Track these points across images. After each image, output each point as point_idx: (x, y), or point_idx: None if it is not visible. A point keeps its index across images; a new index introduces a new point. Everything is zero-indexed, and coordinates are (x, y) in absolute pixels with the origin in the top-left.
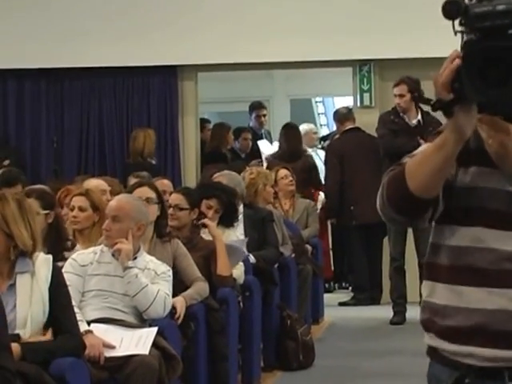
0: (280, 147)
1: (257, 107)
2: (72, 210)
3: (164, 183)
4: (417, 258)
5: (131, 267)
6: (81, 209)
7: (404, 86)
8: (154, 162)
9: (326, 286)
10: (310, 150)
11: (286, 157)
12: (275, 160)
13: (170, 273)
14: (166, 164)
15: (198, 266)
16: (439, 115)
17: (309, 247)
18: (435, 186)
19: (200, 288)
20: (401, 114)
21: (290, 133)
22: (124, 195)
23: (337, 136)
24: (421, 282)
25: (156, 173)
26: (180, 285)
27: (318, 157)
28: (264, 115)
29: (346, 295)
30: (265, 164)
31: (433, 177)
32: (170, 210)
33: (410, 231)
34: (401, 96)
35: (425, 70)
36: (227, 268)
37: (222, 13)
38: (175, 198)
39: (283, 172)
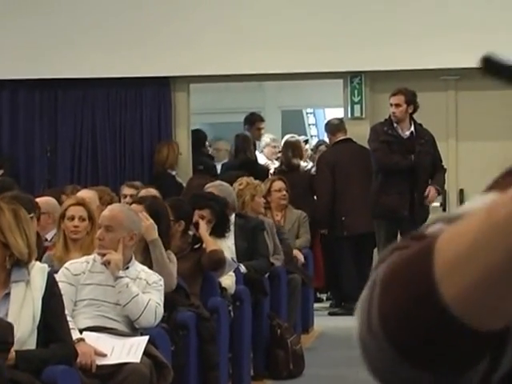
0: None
1: (258, 120)
2: (71, 219)
3: (150, 191)
4: None
5: (122, 277)
6: (81, 218)
7: (401, 96)
8: (173, 173)
9: (318, 295)
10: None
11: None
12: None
13: (162, 282)
14: None
15: (188, 275)
16: (432, 128)
17: (301, 256)
18: (506, 306)
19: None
20: (394, 125)
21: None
22: (117, 205)
23: (323, 146)
24: None
25: (174, 183)
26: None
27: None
28: (263, 128)
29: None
30: None
31: (505, 279)
32: None
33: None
34: (397, 105)
35: (415, 81)
36: (214, 245)
37: (214, 25)
38: None
39: (277, 184)
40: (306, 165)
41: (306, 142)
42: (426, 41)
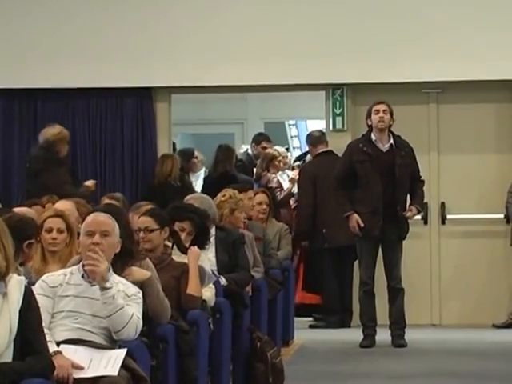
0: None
1: (266, 140)
2: (49, 231)
3: (115, 196)
4: (386, 282)
5: (108, 288)
6: (59, 231)
7: (386, 105)
8: (176, 185)
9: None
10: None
11: None
12: None
13: (140, 295)
14: (138, 185)
15: (168, 286)
16: (413, 141)
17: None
18: None
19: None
20: (374, 139)
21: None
22: (100, 213)
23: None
24: (390, 306)
25: (179, 194)
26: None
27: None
28: (268, 147)
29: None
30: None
31: None
32: (141, 234)
33: (379, 255)
34: (384, 111)
35: (397, 94)
36: (198, 290)
37: (196, 35)
38: (143, 221)
39: (259, 198)
40: (274, 176)
41: (288, 149)
42: (408, 54)
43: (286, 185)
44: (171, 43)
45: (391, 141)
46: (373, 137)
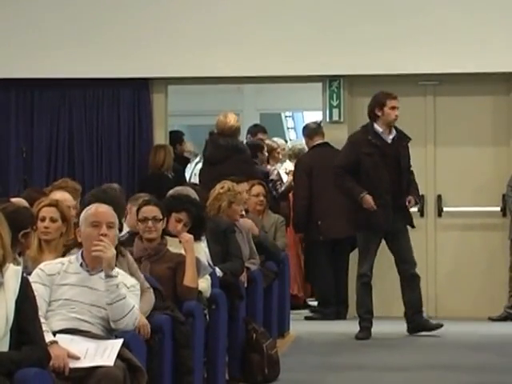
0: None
1: (261, 131)
2: (42, 220)
3: (112, 186)
4: (400, 270)
5: (114, 276)
6: (52, 220)
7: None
8: (170, 175)
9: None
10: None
11: None
12: None
13: (138, 286)
14: (134, 176)
15: (164, 277)
16: (410, 133)
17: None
18: None
19: (149, 298)
20: (380, 130)
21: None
22: (100, 204)
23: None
24: (409, 293)
25: (173, 185)
26: None
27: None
28: (265, 139)
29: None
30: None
31: None
32: (149, 223)
33: (384, 246)
34: (398, 108)
35: (394, 86)
36: (195, 281)
37: (193, 26)
38: (152, 210)
39: (256, 189)
40: (274, 168)
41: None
42: (406, 46)
43: (284, 177)
44: (168, 34)
45: (394, 132)
46: (379, 129)
